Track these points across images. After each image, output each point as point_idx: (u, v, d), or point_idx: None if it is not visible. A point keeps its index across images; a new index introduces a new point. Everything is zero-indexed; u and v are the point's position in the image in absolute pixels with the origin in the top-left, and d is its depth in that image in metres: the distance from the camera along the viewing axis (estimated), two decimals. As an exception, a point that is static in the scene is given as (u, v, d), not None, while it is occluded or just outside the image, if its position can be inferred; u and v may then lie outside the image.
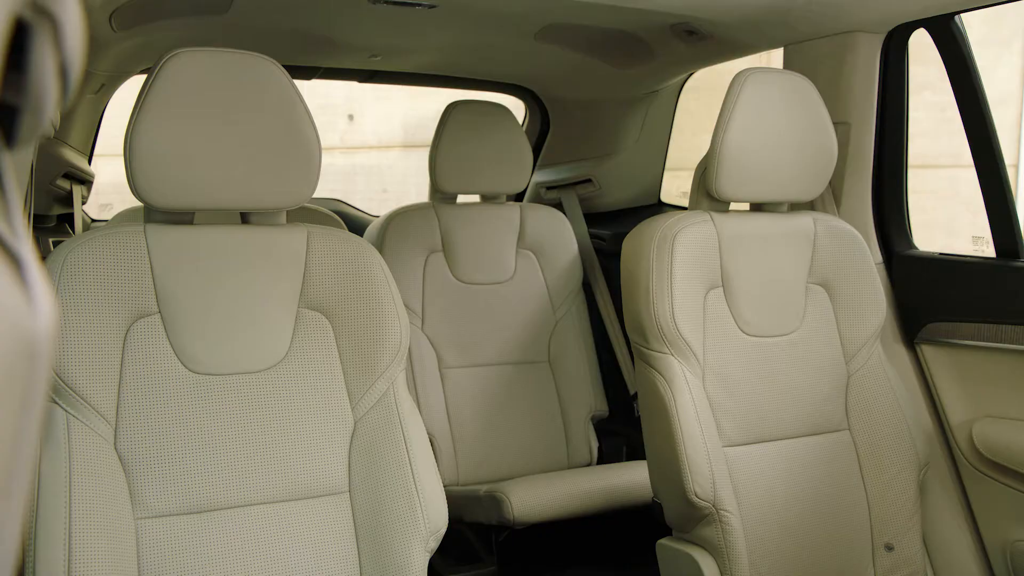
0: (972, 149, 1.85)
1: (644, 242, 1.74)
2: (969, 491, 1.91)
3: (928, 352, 1.96)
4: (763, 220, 1.84)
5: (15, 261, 0.34)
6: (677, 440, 1.63)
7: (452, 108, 2.55)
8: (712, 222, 1.78)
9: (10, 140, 0.38)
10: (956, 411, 1.92)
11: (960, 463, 1.91)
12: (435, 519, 1.42)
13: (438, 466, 1.83)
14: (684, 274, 1.72)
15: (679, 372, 1.68)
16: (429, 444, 1.47)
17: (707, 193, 1.82)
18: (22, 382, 0.34)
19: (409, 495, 1.40)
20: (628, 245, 1.78)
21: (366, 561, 1.40)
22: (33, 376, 0.34)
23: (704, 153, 1.82)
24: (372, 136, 6.05)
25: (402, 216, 2.50)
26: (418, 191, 5.85)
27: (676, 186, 3.03)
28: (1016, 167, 6.80)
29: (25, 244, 0.35)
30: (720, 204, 1.84)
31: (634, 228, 1.80)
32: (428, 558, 1.41)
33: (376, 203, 4.09)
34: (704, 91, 2.82)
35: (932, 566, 1.85)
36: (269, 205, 1.46)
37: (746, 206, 1.91)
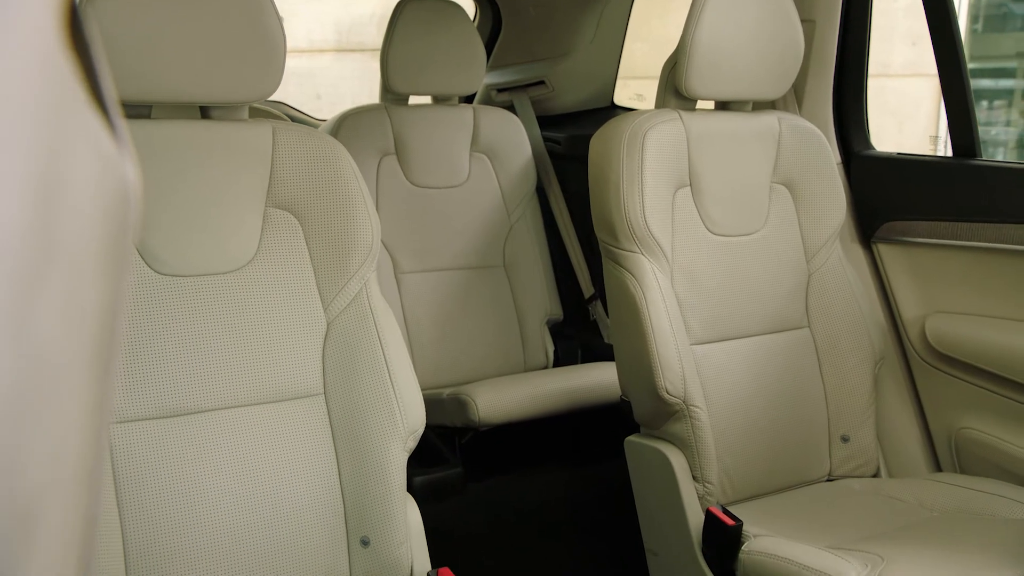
0: (935, 48, 1.86)
1: (613, 140, 1.71)
2: (919, 383, 1.98)
3: (884, 250, 2.00)
4: (730, 119, 1.84)
5: (104, 111, 0.31)
6: (648, 338, 1.64)
7: (403, 5, 2.45)
8: (681, 120, 1.77)
9: None
10: (909, 307, 1.97)
11: (911, 357, 1.98)
12: (413, 418, 1.41)
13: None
14: (654, 172, 1.70)
15: (649, 270, 1.68)
16: (404, 344, 1.45)
17: (675, 91, 1.80)
18: (121, 236, 0.30)
19: (386, 395, 1.39)
20: (596, 144, 1.76)
21: (344, 462, 1.39)
22: (127, 229, 0.31)
23: (638, 61, 1.79)
24: (304, 40, 5.83)
25: (353, 118, 2.42)
26: (353, 97, 5.68)
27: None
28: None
29: (111, 94, 0.32)
30: (687, 102, 1.82)
31: (602, 127, 1.78)
32: (407, 457, 1.41)
33: (309, 110, 3.96)
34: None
35: (883, 455, 1.92)
36: (231, 99, 1.39)
37: (710, 105, 1.90)
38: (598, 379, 2.20)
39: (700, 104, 1.85)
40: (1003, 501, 1.63)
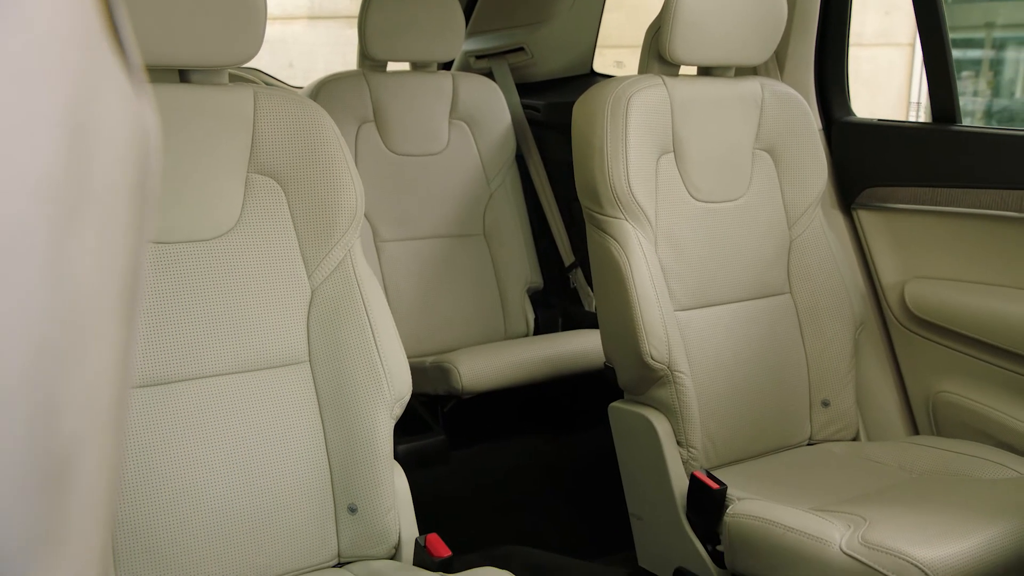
0: (917, 15, 1.86)
1: (597, 105, 1.70)
2: (897, 348, 2.00)
3: (864, 217, 2.01)
4: (713, 84, 1.83)
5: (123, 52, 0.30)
6: (633, 304, 1.65)
7: (381, -31, 2.41)
8: (664, 86, 1.76)
9: None
10: (889, 273, 1.99)
11: (890, 322, 2.00)
12: (399, 385, 1.40)
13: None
14: (638, 138, 1.70)
15: (633, 236, 1.68)
16: (389, 311, 1.44)
17: (658, 56, 1.79)
18: (145, 180, 0.29)
19: (372, 362, 1.38)
20: (580, 109, 1.75)
21: (330, 430, 1.39)
22: (150, 172, 0.30)
23: (612, 30, 1.78)
24: (276, 6, 5.73)
25: (332, 84, 2.39)
26: (326, 65, 5.60)
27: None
28: (913, 45, 6.99)
29: (129, 35, 0.31)
30: (671, 68, 1.81)
31: (585, 92, 1.77)
32: (393, 424, 1.41)
33: (283, 79, 3.89)
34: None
35: (862, 419, 1.95)
36: (212, 62, 1.36)
37: (692, 70, 1.89)
38: (581, 346, 2.20)
39: (683, 70, 1.85)
40: (980, 462, 1.66)
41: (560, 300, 2.69)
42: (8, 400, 0.21)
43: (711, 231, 1.80)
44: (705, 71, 1.88)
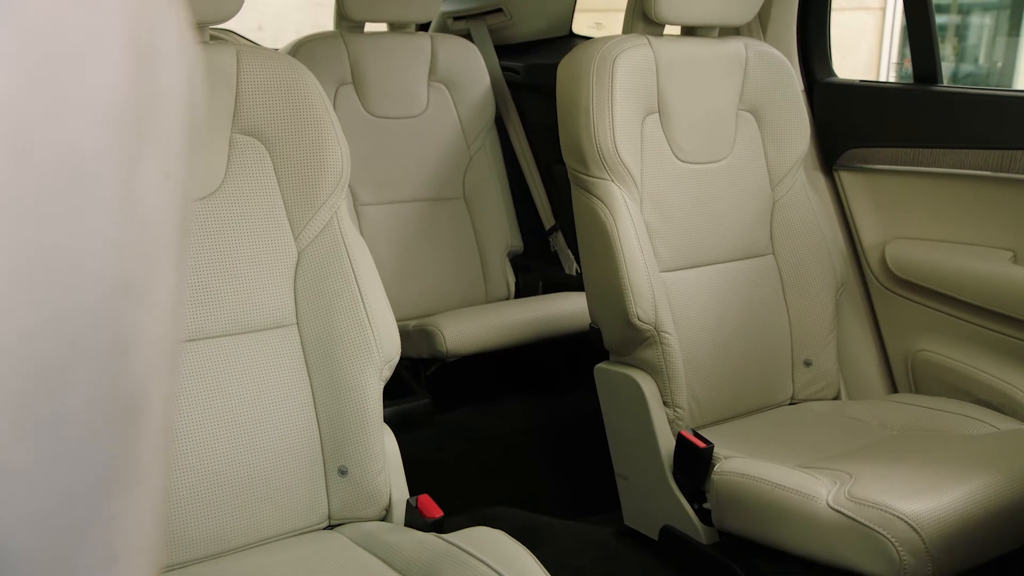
0: (900, -27, 1.86)
1: (583, 65, 1.69)
2: (877, 308, 2.02)
3: (845, 178, 2.02)
4: (697, 45, 1.82)
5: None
6: (619, 265, 1.65)
7: (357, -73, 2.36)
8: (649, 46, 1.75)
9: None
10: (869, 234, 2.00)
11: (870, 282, 2.02)
12: (388, 348, 1.40)
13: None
14: (624, 98, 1.69)
15: (619, 197, 1.68)
16: (377, 274, 1.43)
17: (643, 15, 1.78)
18: (195, 117, 0.28)
19: (361, 325, 1.37)
20: (565, 69, 1.73)
21: (319, 393, 1.38)
22: (198, 110, 0.29)
23: None
24: (244, -33, 5.61)
25: (309, 45, 2.35)
26: (297, 28, 5.51)
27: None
28: (883, 9, 7.02)
29: None
30: (655, 27, 1.80)
31: (570, 52, 1.75)
32: (382, 386, 1.40)
33: (254, 42, 3.82)
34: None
35: (843, 378, 1.97)
36: (192, 19, 1.33)
37: (676, 30, 1.88)
38: (564, 309, 2.20)
39: (667, 29, 1.83)
40: (958, 418, 1.69)
41: (540, 263, 2.69)
42: (84, 332, 0.21)
43: (696, 192, 1.80)
44: (689, 31, 1.87)
